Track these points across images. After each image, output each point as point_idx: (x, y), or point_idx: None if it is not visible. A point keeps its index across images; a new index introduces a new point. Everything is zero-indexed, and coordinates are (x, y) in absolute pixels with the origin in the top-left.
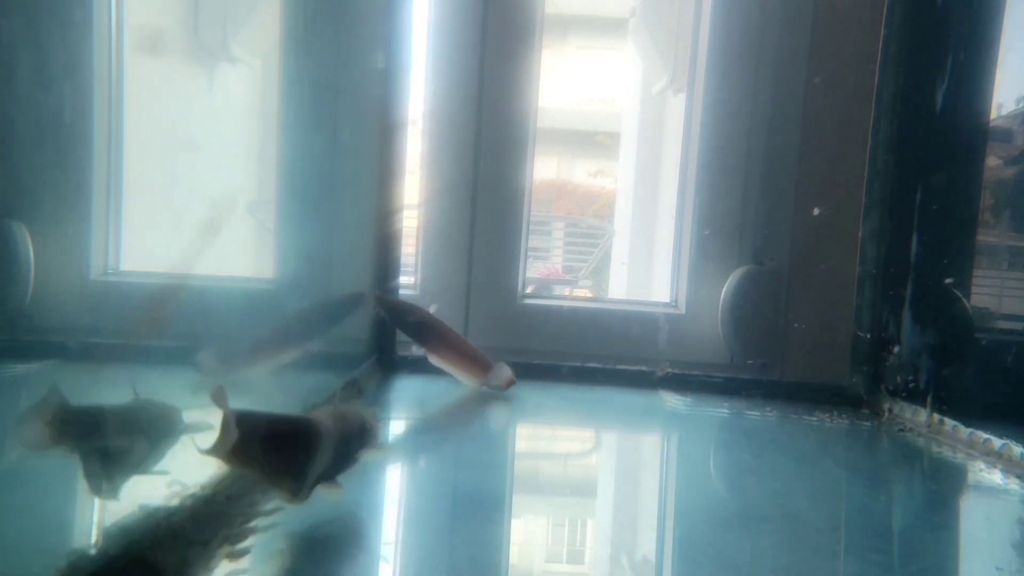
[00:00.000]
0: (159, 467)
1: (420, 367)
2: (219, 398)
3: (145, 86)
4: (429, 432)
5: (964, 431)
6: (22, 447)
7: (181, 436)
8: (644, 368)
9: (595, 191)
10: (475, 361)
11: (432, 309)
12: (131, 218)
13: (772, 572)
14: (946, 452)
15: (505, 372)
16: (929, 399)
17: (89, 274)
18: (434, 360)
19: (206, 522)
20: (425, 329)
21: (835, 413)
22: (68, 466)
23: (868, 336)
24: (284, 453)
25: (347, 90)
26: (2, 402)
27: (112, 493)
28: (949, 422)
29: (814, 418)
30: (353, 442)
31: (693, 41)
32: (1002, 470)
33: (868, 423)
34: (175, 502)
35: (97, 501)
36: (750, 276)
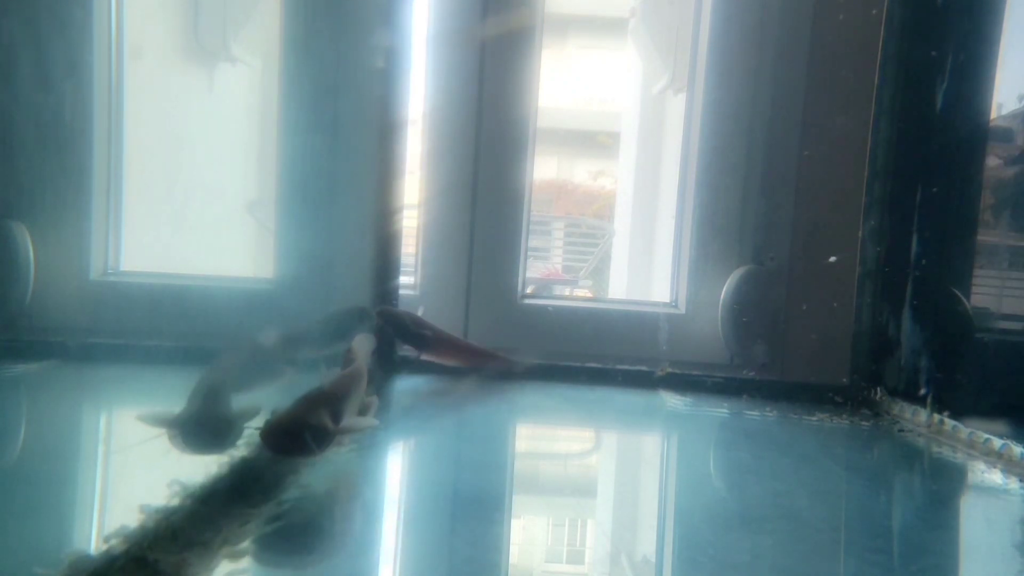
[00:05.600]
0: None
1: (420, 367)
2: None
3: (145, 86)
4: (429, 432)
5: (964, 431)
6: None
7: None
8: (644, 368)
9: (595, 191)
10: (485, 357)
11: (419, 311)
12: (131, 218)
13: (772, 572)
14: (946, 452)
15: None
16: (929, 399)
17: (89, 274)
18: (445, 362)
19: (206, 522)
20: (432, 340)
21: (835, 413)
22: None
23: (867, 336)
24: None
25: (347, 90)
26: (2, 402)
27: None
28: (949, 422)
29: (814, 418)
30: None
31: (693, 41)
32: (1002, 470)
33: (868, 423)
34: (175, 502)
35: (97, 501)
36: (750, 276)
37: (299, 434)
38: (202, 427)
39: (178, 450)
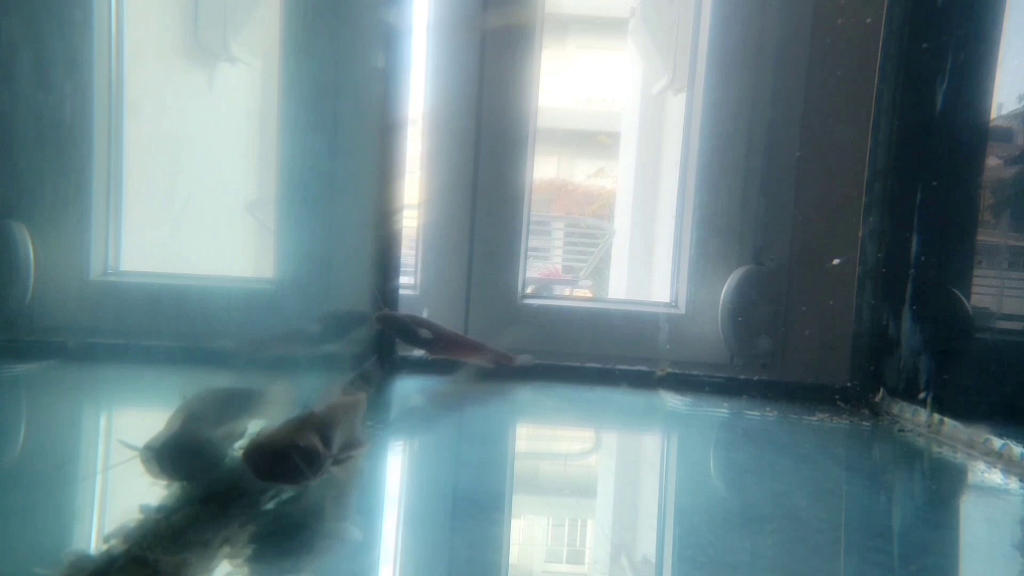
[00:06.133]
0: None
1: (420, 367)
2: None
3: (145, 86)
4: (429, 432)
5: (964, 431)
6: None
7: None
8: (644, 368)
9: (595, 191)
10: (487, 352)
11: (424, 313)
12: (131, 218)
13: (772, 572)
14: (946, 452)
15: (525, 357)
16: (929, 399)
17: (89, 274)
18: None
19: (206, 522)
20: (433, 338)
21: (835, 413)
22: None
23: (867, 336)
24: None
25: (347, 90)
26: (2, 402)
27: None
28: (949, 422)
29: (814, 418)
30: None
31: (693, 41)
32: (1002, 470)
33: (868, 423)
34: (175, 502)
35: (97, 502)
36: (750, 276)
37: (287, 456)
38: (178, 453)
39: (152, 476)
